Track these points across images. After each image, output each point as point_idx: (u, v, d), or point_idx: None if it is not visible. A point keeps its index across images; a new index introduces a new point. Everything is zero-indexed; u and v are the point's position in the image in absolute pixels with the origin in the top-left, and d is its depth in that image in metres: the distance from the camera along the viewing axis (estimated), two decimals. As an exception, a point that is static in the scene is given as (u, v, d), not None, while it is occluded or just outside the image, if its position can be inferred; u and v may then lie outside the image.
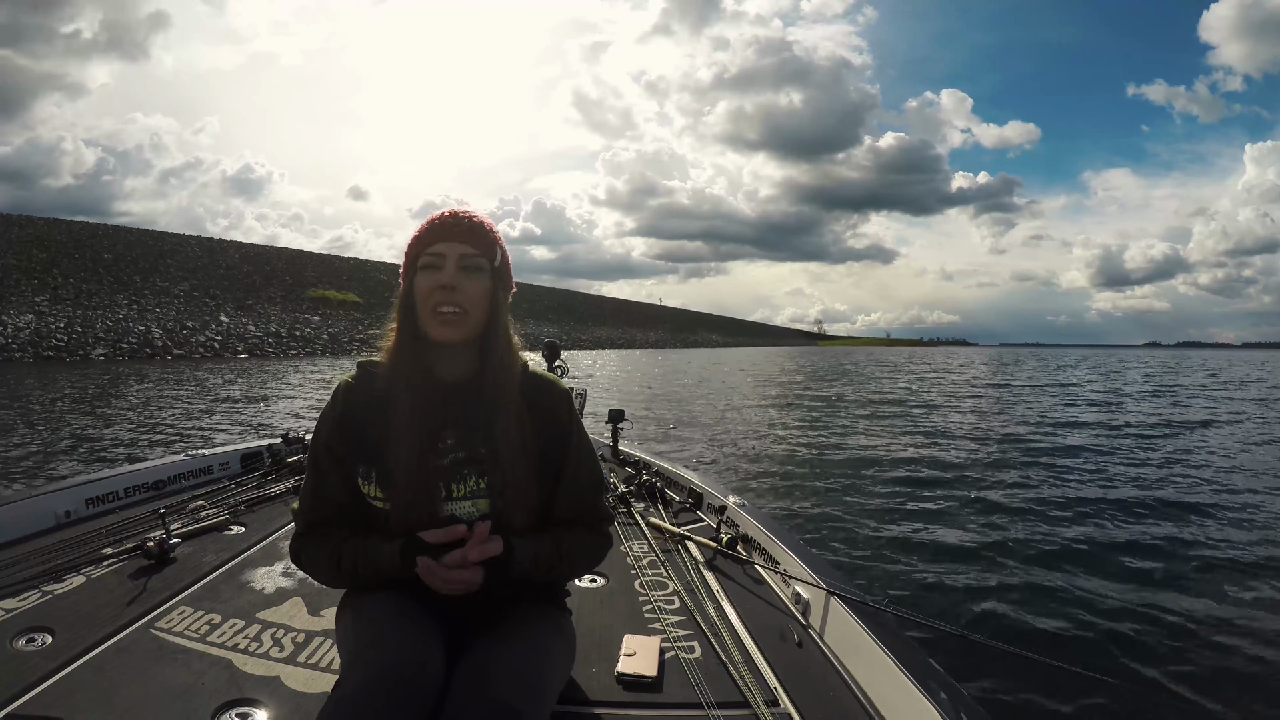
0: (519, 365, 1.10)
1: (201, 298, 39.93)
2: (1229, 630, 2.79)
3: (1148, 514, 4.70)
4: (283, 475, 2.69)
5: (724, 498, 2.17)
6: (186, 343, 29.28)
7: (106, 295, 34.63)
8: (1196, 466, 6.61)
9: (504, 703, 0.86)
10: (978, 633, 1.54)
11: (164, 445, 6.96)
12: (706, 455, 7.08)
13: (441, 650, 0.93)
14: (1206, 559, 3.71)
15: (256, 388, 14.92)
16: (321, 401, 9.21)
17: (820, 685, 1.26)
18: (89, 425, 8.38)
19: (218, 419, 9.36)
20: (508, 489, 1.05)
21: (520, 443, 1.06)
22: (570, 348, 61.93)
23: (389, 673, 0.85)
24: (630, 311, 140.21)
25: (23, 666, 1.22)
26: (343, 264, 65.26)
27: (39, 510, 2.02)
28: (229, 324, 34.84)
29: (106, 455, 6.40)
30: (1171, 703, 2.28)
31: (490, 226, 1.08)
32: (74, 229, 44.79)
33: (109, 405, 10.82)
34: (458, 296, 1.01)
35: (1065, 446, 7.75)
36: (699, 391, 16.42)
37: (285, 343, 33.78)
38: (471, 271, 1.02)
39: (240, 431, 8.17)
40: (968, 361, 47.73)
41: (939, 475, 6.02)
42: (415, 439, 1.03)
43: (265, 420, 9.32)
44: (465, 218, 1.06)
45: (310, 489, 1.11)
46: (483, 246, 1.04)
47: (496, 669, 0.91)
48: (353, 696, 0.83)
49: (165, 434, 7.78)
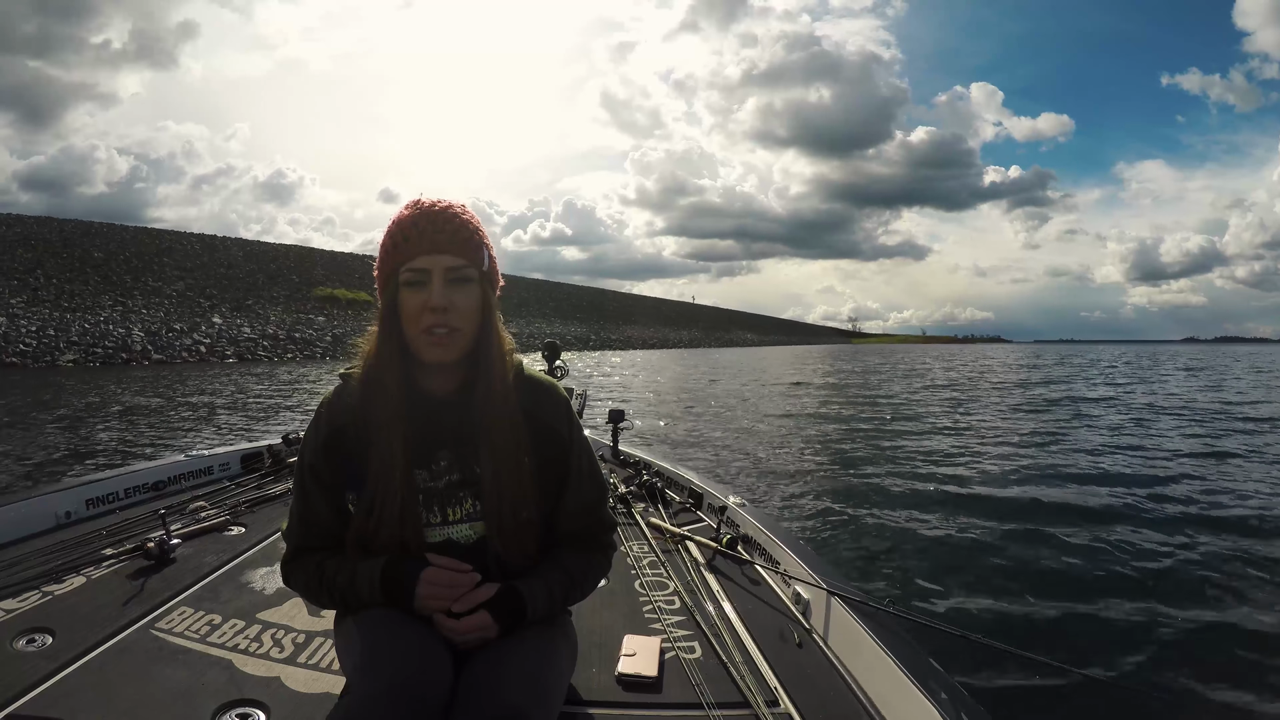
0: (512, 370, 1.04)
1: (195, 298, 37.79)
2: (1231, 631, 2.79)
3: (1150, 514, 4.69)
4: (283, 476, 2.69)
5: (724, 498, 2.17)
6: (169, 347, 26.95)
7: (90, 296, 32.42)
8: (1205, 466, 6.58)
9: (513, 706, 0.85)
10: (978, 633, 1.53)
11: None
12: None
13: (448, 656, 0.92)
14: (1209, 560, 3.70)
15: (194, 393, 12.83)
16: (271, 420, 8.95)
17: (820, 685, 1.26)
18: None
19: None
20: (502, 512, 1.00)
21: (515, 460, 1.00)
22: (600, 348, 60.40)
23: (397, 681, 0.84)
24: (663, 310, 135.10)
25: (23, 667, 1.22)
26: (355, 261, 60.67)
27: (39, 511, 2.02)
28: (221, 326, 32.79)
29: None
30: (1172, 703, 2.28)
31: (474, 224, 0.98)
32: (65, 228, 42.19)
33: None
34: (449, 316, 0.93)
35: (1067, 446, 7.75)
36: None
37: (282, 345, 31.72)
38: (461, 284, 0.94)
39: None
40: (1011, 359, 44.48)
41: (940, 475, 6.02)
42: (400, 463, 0.97)
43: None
44: (446, 222, 0.95)
45: (296, 513, 1.06)
46: (470, 254, 0.95)
47: (503, 673, 0.90)
48: (361, 705, 0.82)
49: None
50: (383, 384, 0.98)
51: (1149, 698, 2.30)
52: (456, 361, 0.98)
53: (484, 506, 1.01)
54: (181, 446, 2.60)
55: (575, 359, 32.87)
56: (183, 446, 2.52)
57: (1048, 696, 2.19)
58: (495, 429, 0.99)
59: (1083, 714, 2.14)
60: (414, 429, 0.99)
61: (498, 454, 0.99)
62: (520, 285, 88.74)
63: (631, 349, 64.54)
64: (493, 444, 0.99)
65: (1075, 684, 2.18)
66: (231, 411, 10.47)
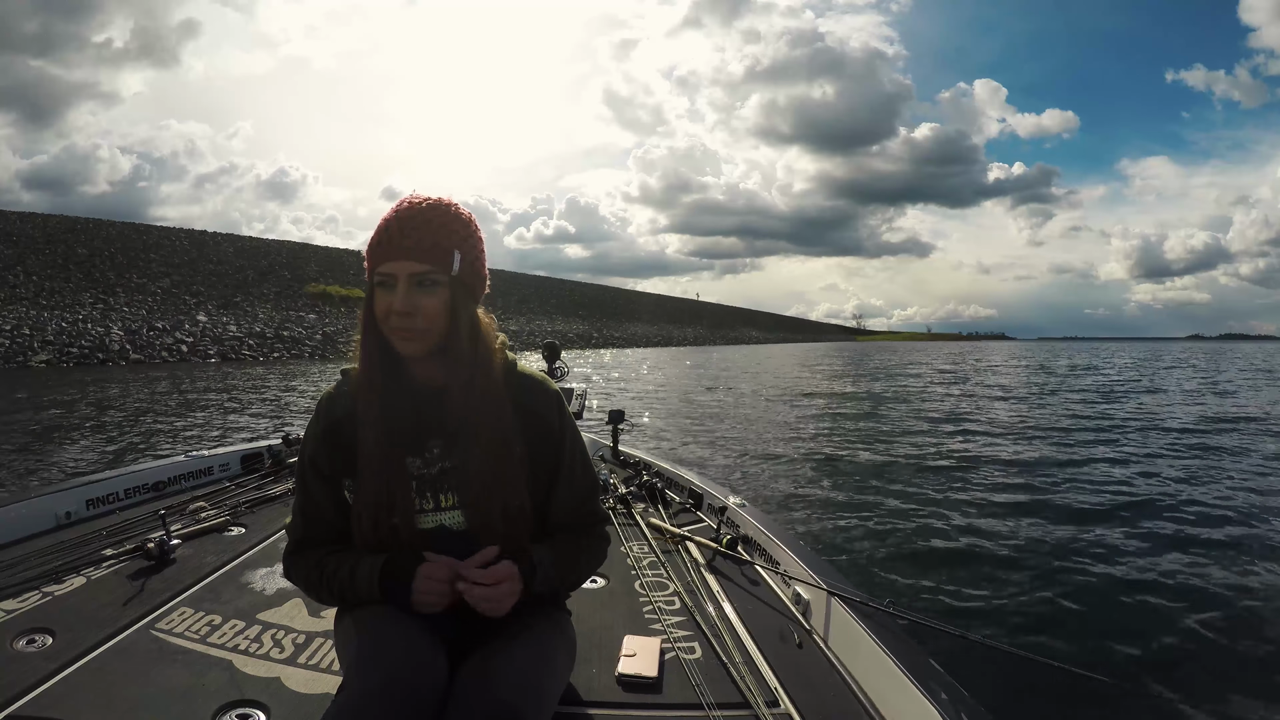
0: (498, 366, 1.05)
1: (181, 295, 36.28)
2: (1232, 632, 2.79)
3: (1152, 515, 4.69)
4: (283, 476, 2.69)
5: (724, 498, 2.17)
6: (149, 346, 25.87)
7: (71, 294, 31.26)
8: (1210, 465, 6.58)
9: (506, 704, 0.86)
10: (978, 633, 1.53)
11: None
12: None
13: (444, 654, 0.93)
14: (1210, 560, 3.71)
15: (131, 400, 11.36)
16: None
17: (821, 686, 1.26)
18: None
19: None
20: (481, 501, 1.02)
21: (499, 449, 1.02)
22: (602, 345, 59.43)
23: (392, 678, 0.85)
24: (667, 307, 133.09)
25: (23, 667, 1.22)
26: (350, 258, 57.61)
27: (39, 511, 2.03)
28: (206, 324, 31.36)
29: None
30: (1173, 703, 2.28)
31: (450, 227, 0.99)
32: (49, 223, 40.28)
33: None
34: (413, 320, 0.95)
35: (1068, 447, 7.74)
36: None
37: (269, 344, 30.36)
38: (426, 288, 0.96)
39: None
40: (1018, 358, 43.13)
41: (941, 474, 6.02)
42: (384, 451, 1.01)
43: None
44: (415, 229, 0.96)
45: (298, 506, 1.10)
46: (435, 260, 0.96)
47: (498, 671, 0.91)
48: (356, 702, 0.83)
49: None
50: (365, 374, 1.02)
51: (1149, 698, 2.30)
52: (431, 355, 1.00)
53: (460, 497, 1.03)
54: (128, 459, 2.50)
55: (576, 358, 32.67)
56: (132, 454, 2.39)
57: (1048, 696, 2.19)
58: (476, 420, 1.01)
59: (1083, 714, 2.14)
60: (406, 417, 1.02)
61: (480, 444, 1.02)
62: (522, 282, 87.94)
63: (635, 346, 63.47)
64: (474, 434, 1.02)
65: (1075, 684, 2.18)
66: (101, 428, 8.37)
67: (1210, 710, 2.23)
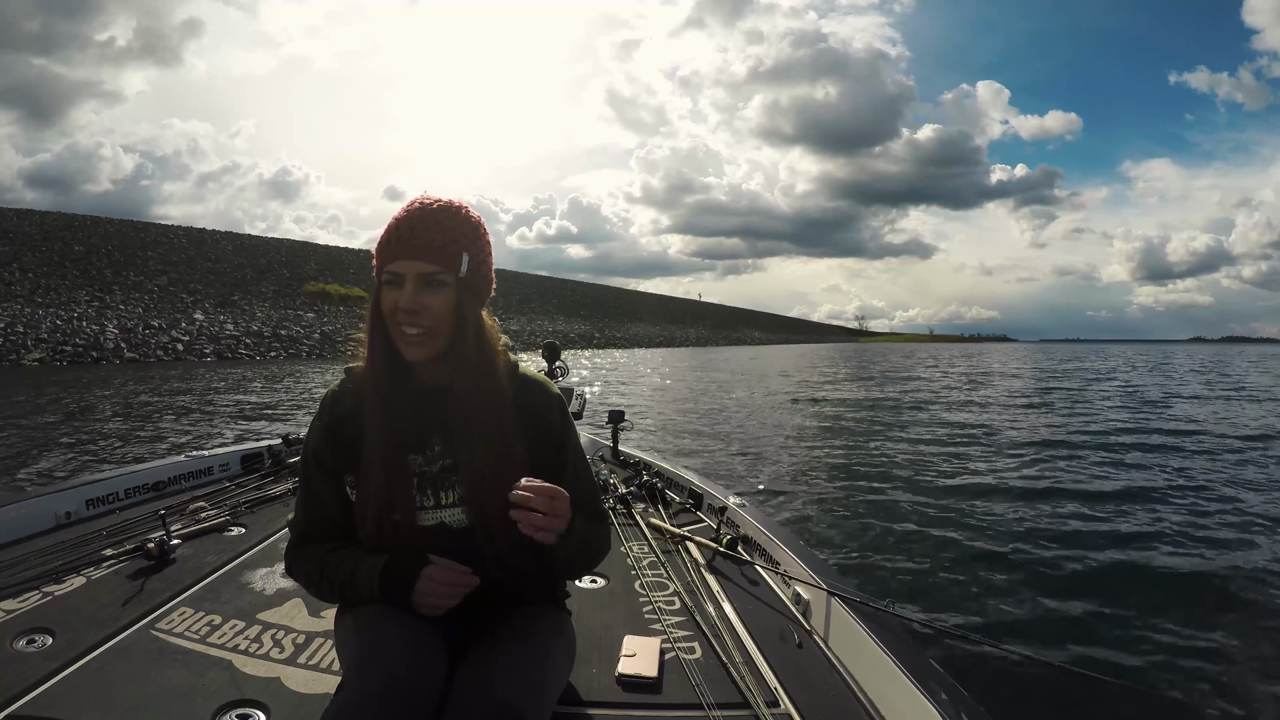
0: (501, 367, 1.06)
1: (178, 293, 35.56)
2: (1233, 632, 2.79)
3: (1153, 514, 4.70)
4: (283, 476, 2.69)
5: (724, 498, 2.17)
6: (143, 344, 25.40)
7: (66, 291, 30.62)
8: (1215, 466, 6.57)
9: (505, 703, 0.86)
10: (978, 633, 1.54)
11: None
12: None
13: (443, 653, 0.93)
14: (1211, 560, 3.71)
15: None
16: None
17: (821, 686, 1.26)
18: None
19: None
20: (481, 499, 1.01)
21: (499, 448, 1.02)
22: (602, 346, 58.74)
23: (391, 677, 0.85)
24: (669, 308, 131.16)
25: (23, 667, 1.22)
26: (350, 257, 57.54)
27: (39, 511, 2.02)
28: (202, 322, 30.65)
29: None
30: (1173, 703, 2.28)
31: (459, 229, 1.00)
32: (46, 220, 39.65)
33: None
34: (419, 318, 0.97)
35: (1070, 447, 7.74)
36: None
37: (266, 343, 29.78)
38: (434, 288, 0.97)
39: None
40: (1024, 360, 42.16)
41: (942, 474, 6.02)
42: (387, 448, 1.01)
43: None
44: (426, 229, 0.98)
45: (301, 501, 1.11)
46: (443, 261, 0.97)
47: (497, 669, 0.91)
48: (355, 702, 0.83)
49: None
50: (371, 370, 1.04)
51: (1150, 698, 2.30)
52: (435, 358, 1.01)
53: (461, 494, 1.04)
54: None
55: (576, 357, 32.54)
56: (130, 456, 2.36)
57: (1048, 696, 2.19)
58: (478, 419, 1.02)
59: (1083, 714, 2.14)
60: (409, 414, 1.03)
61: (481, 442, 1.02)
62: (524, 282, 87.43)
63: (637, 347, 62.79)
64: (476, 433, 1.02)
65: (1076, 684, 2.18)
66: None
67: (1210, 710, 2.23)
